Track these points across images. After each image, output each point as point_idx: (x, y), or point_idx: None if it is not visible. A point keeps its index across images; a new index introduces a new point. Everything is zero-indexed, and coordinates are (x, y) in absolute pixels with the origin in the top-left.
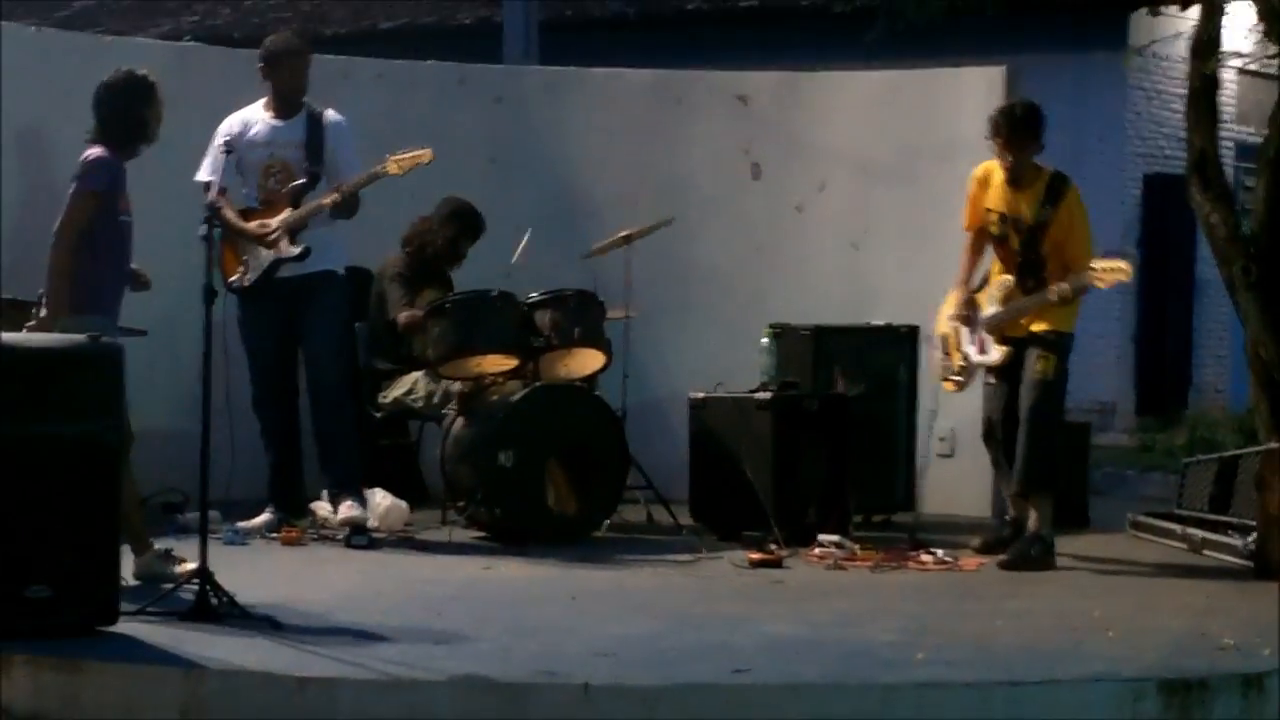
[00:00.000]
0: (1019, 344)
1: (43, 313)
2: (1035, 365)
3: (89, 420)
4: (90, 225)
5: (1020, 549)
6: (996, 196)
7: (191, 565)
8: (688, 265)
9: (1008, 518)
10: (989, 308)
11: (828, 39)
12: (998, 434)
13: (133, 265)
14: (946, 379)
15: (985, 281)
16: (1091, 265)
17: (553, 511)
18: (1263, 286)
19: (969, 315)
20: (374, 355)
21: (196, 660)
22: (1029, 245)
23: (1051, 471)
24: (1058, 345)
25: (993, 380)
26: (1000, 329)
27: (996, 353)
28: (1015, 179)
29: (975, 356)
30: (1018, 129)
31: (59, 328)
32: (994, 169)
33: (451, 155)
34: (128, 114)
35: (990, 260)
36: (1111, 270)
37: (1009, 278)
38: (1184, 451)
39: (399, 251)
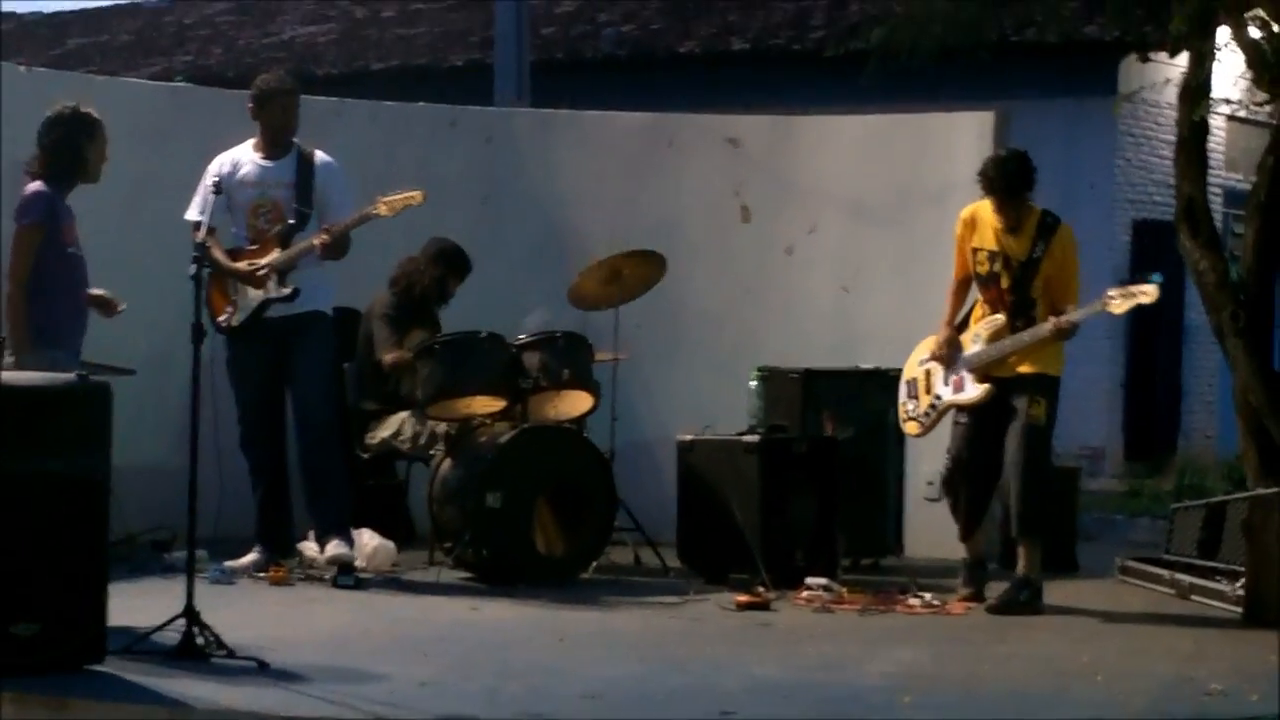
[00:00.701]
0: (1003, 385)
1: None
2: (1028, 409)
3: (77, 457)
4: (38, 260)
5: (1009, 594)
6: (986, 235)
7: None
8: (677, 307)
9: (966, 562)
10: (973, 346)
11: (819, 82)
12: (965, 477)
13: (101, 292)
14: (910, 419)
15: (965, 324)
16: (1109, 293)
17: (540, 553)
18: (1251, 333)
19: (948, 356)
20: (362, 396)
21: (182, 699)
22: (1020, 284)
23: (1043, 516)
24: (1048, 389)
25: (964, 419)
26: (986, 367)
27: (976, 390)
28: (1012, 226)
29: (950, 396)
30: (1012, 181)
31: (19, 364)
32: (981, 209)
33: (444, 196)
34: (68, 147)
35: (971, 304)
36: (1128, 296)
37: (999, 316)
38: (1172, 497)
39: (387, 292)
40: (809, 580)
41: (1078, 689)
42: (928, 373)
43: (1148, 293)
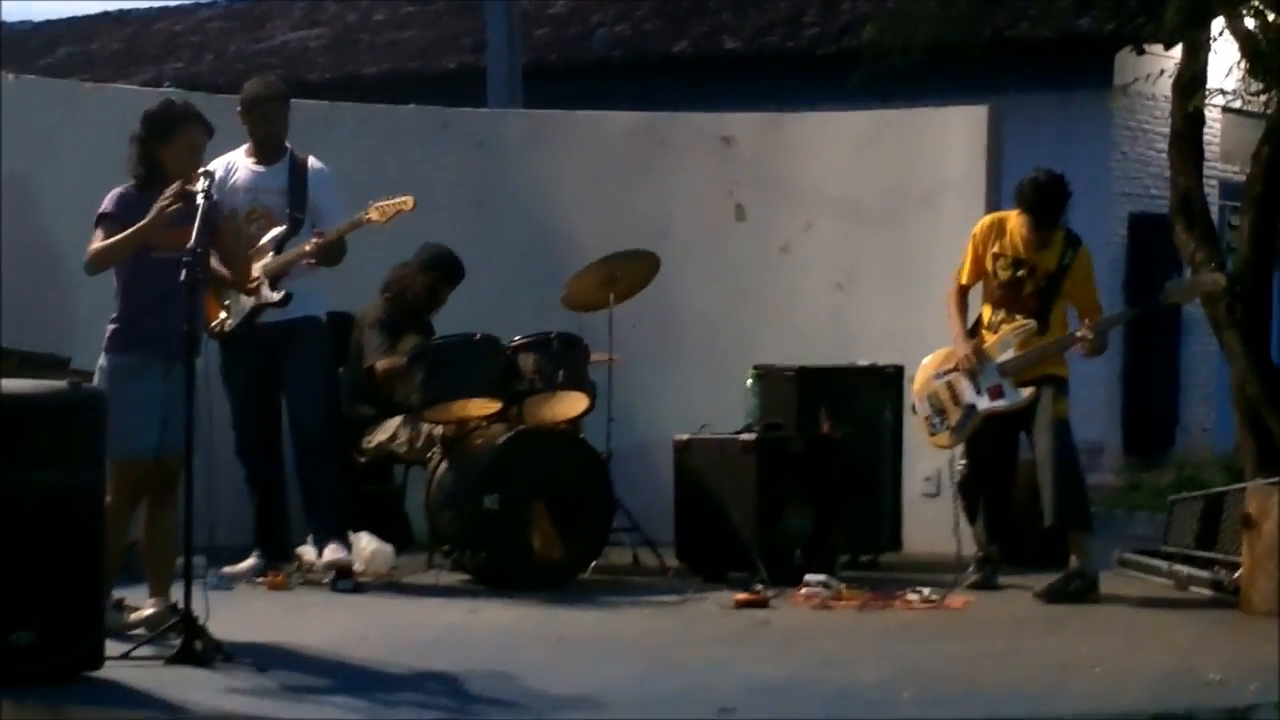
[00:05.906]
0: (1024, 385)
1: None
2: (1055, 406)
3: (72, 467)
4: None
5: (1060, 583)
6: (1012, 243)
7: (147, 611)
8: (672, 307)
9: (978, 557)
10: (1003, 353)
11: (813, 81)
12: (987, 479)
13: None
14: (939, 433)
15: (973, 331)
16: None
17: (538, 555)
18: (1247, 325)
19: (976, 366)
20: (357, 401)
21: (181, 705)
22: (1045, 293)
23: (1086, 506)
24: (1066, 386)
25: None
26: (1019, 373)
27: (1022, 394)
28: (1043, 245)
29: (989, 404)
30: (1051, 207)
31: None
32: (1009, 218)
33: (436, 199)
34: (141, 149)
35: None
36: (1195, 286)
37: (1031, 322)
38: (1171, 490)
39: (379, 298)
40: (807, 578)
41: (1076, 682)
42: (949, 384)
43: (1219, 281)
